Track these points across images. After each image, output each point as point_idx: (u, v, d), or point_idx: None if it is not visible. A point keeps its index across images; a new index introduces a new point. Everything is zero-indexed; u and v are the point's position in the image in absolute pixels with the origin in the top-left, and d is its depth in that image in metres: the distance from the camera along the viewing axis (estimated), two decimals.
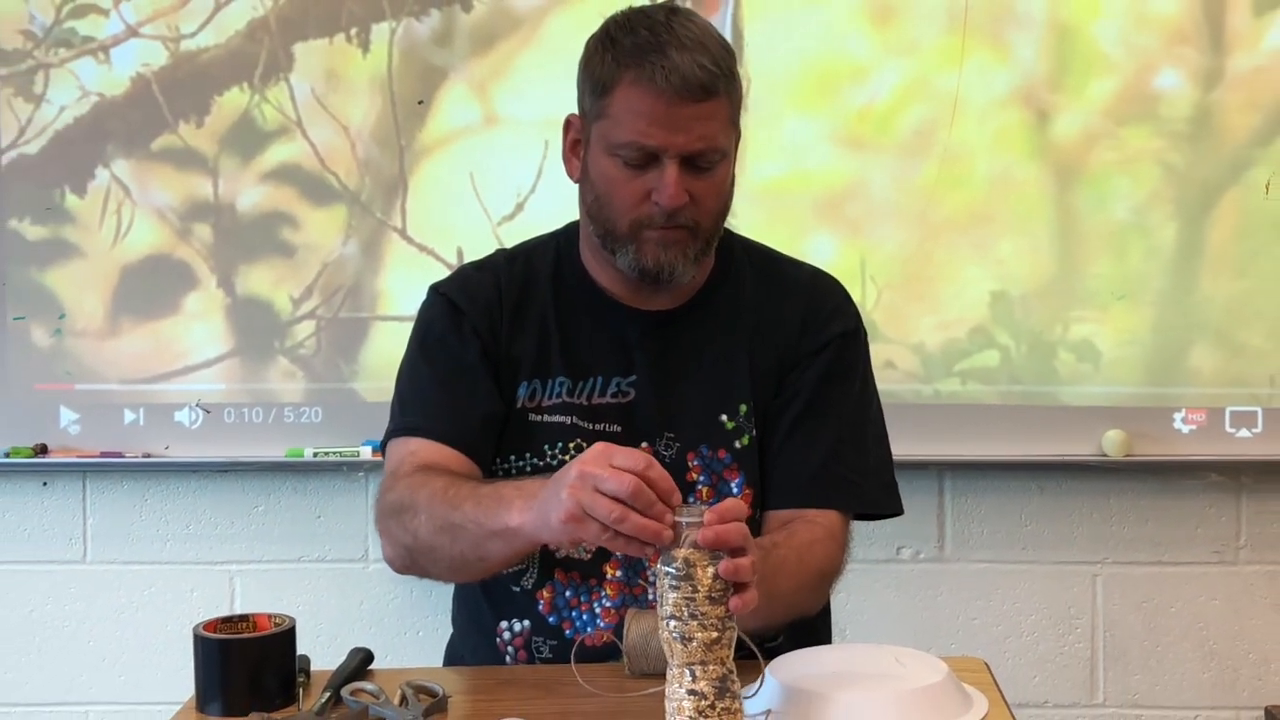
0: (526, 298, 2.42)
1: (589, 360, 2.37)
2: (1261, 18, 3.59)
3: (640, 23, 2.25)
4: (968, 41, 3.60)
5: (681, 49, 2.20)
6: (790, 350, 2.41)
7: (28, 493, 3.80)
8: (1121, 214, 3.62)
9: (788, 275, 2.50)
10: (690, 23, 2.26)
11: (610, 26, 2.30)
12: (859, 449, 2.42)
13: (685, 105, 2.20)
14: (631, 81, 2.22)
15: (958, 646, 3.69)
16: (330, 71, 3.66)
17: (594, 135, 2.30)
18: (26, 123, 3.67)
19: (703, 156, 2.25)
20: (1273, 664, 3.77)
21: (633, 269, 2.31)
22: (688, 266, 2.31)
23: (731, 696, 1.84)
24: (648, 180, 2.24)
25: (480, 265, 2.50)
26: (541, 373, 2.37)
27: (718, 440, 2.36)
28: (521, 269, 2.45)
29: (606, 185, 2.29)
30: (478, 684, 2.26)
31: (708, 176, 2.27)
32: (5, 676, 3.84)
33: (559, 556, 2.36)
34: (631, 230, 2.28)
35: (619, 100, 2.24)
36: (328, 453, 3.66)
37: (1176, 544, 3.75)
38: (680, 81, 2.19)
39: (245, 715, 2.01)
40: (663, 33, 2.22)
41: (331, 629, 3.64)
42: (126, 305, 3.70)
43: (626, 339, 2.37)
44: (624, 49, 2.23)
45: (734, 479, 2.37)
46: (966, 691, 2.05)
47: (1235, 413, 3.64)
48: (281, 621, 2.15)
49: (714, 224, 2.34)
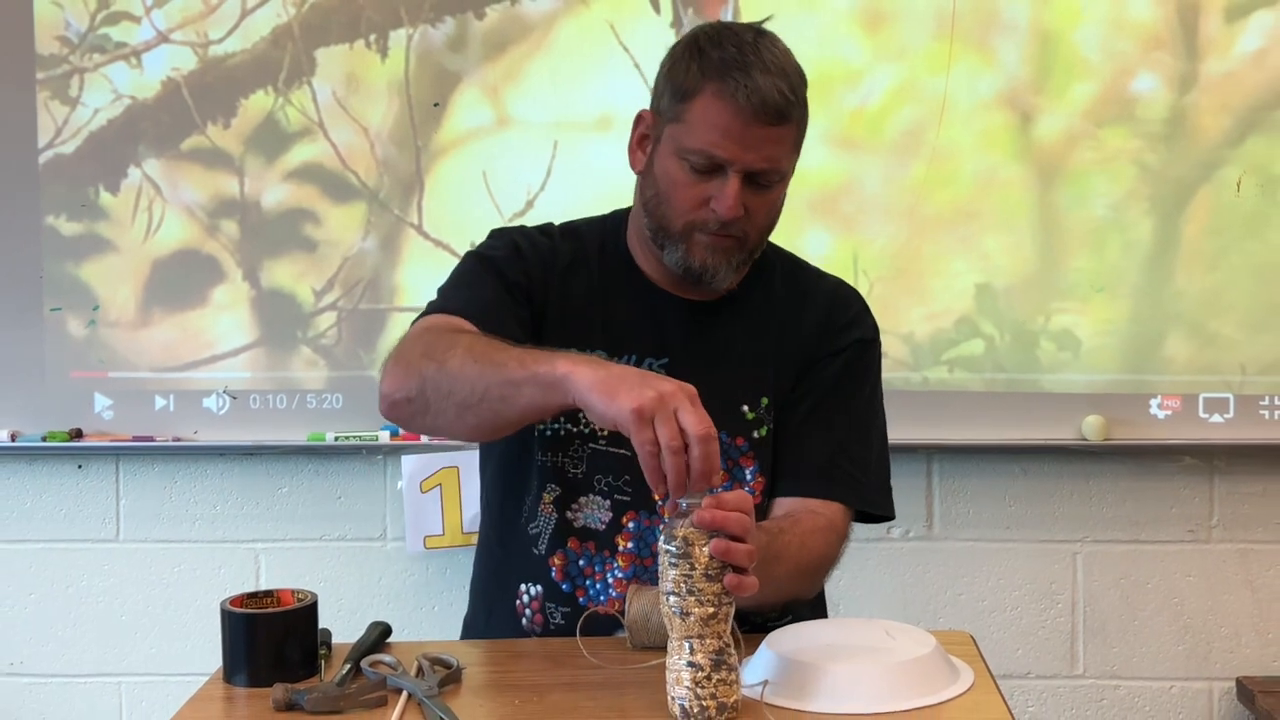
0: (574, 270, 2.40)
1: (626, 337, 2.35)
2: (1233, 24, 3.59)
3: (729, 39, 2.24)
4: (955, 47, 3.60)
5: (765, 72, 2.20)
6: (810, 350, 2.41)
7: (64, 475, 3.80)
8: (1100, 211, 3.62)
9: (814, 283, 2.51)
10: (775, 47, 2.25)
11: (699, 37, 2.28)
12: (864, 449, 2.42)
13: (759, 126, 2.20)
14: (713, 94, 2.21)
15: (945, 620, 3.69)
16: (350, 75, 3.66)
17: (666, 135, 2.28)
18: (63, 124, 3.67)
19: (764, 175, 2.25)
20: (1244, 637, 3.77)
21: (678, 266, 2.32)
22: (729, 273, 2.32)
23: (728, 669, 1.86)
24: (709, 188, 2.24)
25: (539, 228, 2.48)
26: (581, 343, 2.32)
27: (737, 429, 2.36)
28: (572, 243, 2.44)
29: (669, 184, 2.28)
30: (490, 656, 2.26)
31: (765, 194, 2.28)
32: (43, 649, 3.84)
33: (576, 527, 2.35)
34: (685, 230, 2.28)
35: (698, 109, 2.23)
36: (348, 437, 3.67)
37: (1152, 523, 3.75)
38: (759, 102, 2.19)
39: (270, 686, 2.01)
40: (750, 53, 2.21)
41: (351, 604, 3.64)
42: (157, 297, 3.70)
43: (663, 323, 2.37)
44: (711, 62, 2.23)
45: (749, 466, 2.37)
46: (953, 663, 2.05)
47: (1208, 399, 3.64)
48: (304, 597, 2.15)
49: (761, 238, 2.35)
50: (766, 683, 1.92)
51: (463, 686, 2.07)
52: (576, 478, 2.35)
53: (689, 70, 2.24)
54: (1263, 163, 3.61)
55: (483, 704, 2.02)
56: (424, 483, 3.64)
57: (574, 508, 2.35)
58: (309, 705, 1.96)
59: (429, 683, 2.01)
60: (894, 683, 1.94)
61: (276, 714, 1.97)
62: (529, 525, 2.39)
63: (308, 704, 1.96)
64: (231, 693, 2.08)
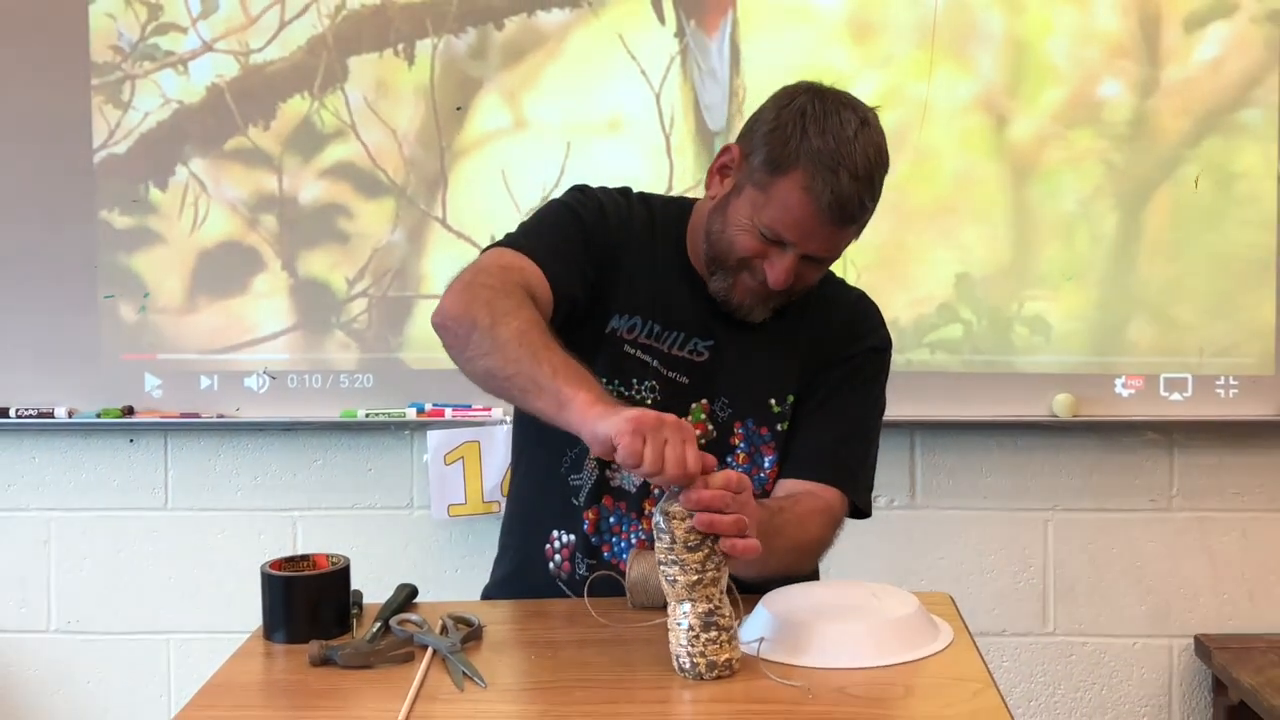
0: (646, 241, 2.35)
1: (679, 317, 2.31)
2: (1191, 35, 3.58)
3: (833, 127, 2.15)
4: (936, 55, 3.59)
5: (854, 178, 2.13)
6: (830, 352, 2.38)
7: (116, 449, 3.80)
8: (1070, 206, 3.61)
9: (841, 292, 2.48)
10: (871, 146, 2.17)
11: (808, 110, 2.18)
12: (862, 446, 2.41)
13: (831, 225, 2.16)
14: (802, 186, 2.14)
15: (927, 583, 3.68)
16: (380, 81, 3.65)
17: (747, 191, 2.21)
18: (115, 126, 3.67)
19: (823, 258, 2.24)
20: (1201, 598, 3.76)
21: (720, 295, 2.29)
22: (764, 314, 2.31)
23: (718, 630, 1.86)
24: (770, 250, 2.20)
25: (620, 190, 2.41)
26: (645, 312, 2.31)
27: (762, 419, 2.34)
28: (646, 211, 2.38)
29: (736, 231, 2.22)
30: (509, 615, 2.25)
31: (817, 267, 2.26)
32: (97, 610, 3.84)
33: (612, 485, 2.33)
34: (736, 268, 2.25)
35: (783, 190, 2.16)
36: (378, 413, 3.66)
37: (1117, 493, 3.74)
38: (839, 209, 2.14)
39: (306, 642, 2.01)
40: (846, 151, 2.13)
41: (381, 567, 3.62)
42: (202, 285, 3.70)
43: (713, 310, 2.32)
44: (810, 148, 2.14)
45: (769, 455, 2.35)
46: (935, 621, 2.05)
47: (1169, 379, 3.63)
48: (337, 561, 2.15)
49: (802, 293, 2.32)
50: (762, 640, 1.92)
51: (483, 643, 2.07)
52: None
53: (788, 144, 2.15)
54: (1219, 161, 3.60)
55: (502, 659, 2.01)
56: (448, 456, 3.63)
57: (614, 466, 2.31)
58: (342, 660, 1.96)
59: (452, 640, 2.01)
60: (880, 640, 1.94)
61: (312, 668, 1.97)
62: (570, 476, 2.35)
63: (341, 659, 1.96)
64: (271, 649, 2.09)
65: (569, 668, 1.97)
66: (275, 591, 2.11)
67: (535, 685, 1.93)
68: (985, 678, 1.88)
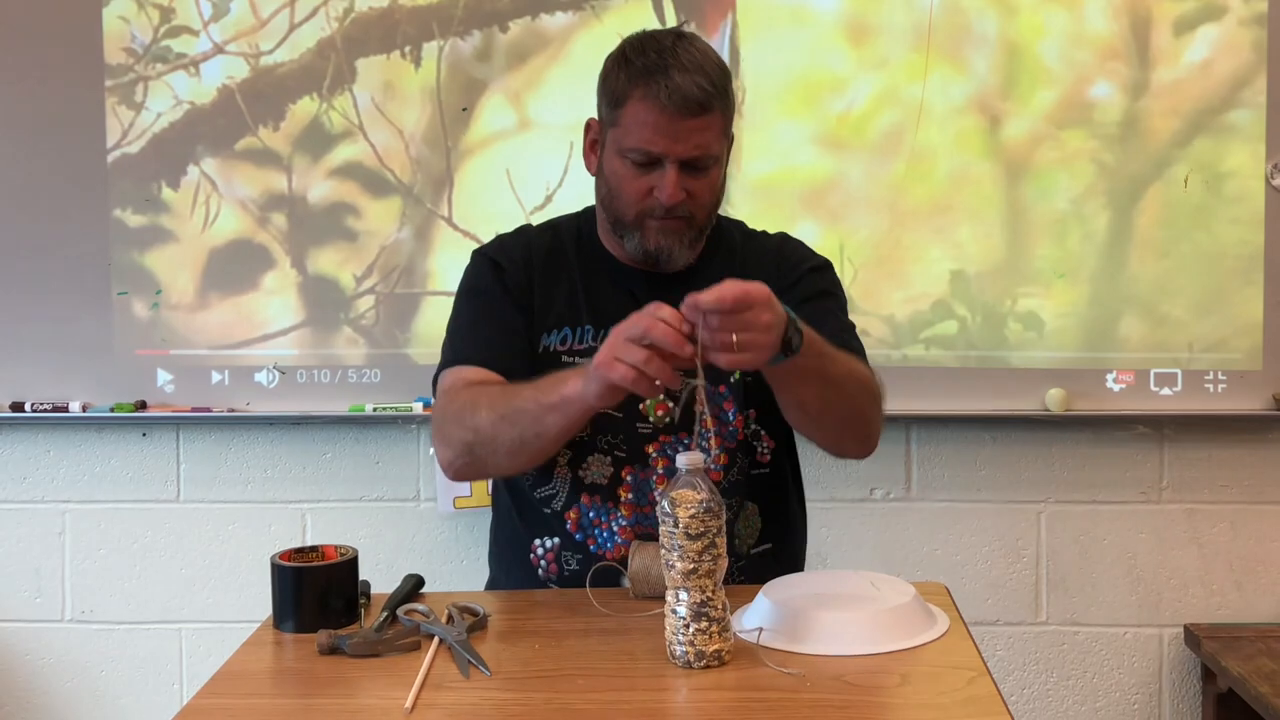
0: (555, 260, 2.44)
1: (610, 311, 2.30)
2: (1180, 38, 3.58)
3: (650, 46, 2.28)
4: (931, 57, 3.59)
5: (683, 71, 2.23)
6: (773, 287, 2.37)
7: (130, 442, 3.80)
8: (1062, 205, 3.61)
9: (765, 239, 2.55)
10: (693, 47, 2.28)
11: (625, 48, 2.33)
12: (856, 340, 2.41)
13: (684, 119, 2.24)
14: (640, 98, 2.25)
15: (922, 573, 3.68)
16: (387, 83, 3.65)
17: (608, 139, 2.34)
18: (129, 127, 3.66)
19: (698, 161, 2.28)
20: (1191, 589, 3.76)
21: (637, 251, 2.36)
22: (684, 250, 2.35)
23: (709, 621, 1.87)
24: (652, 179, 2.28)
25: (515, 232, 2.53)
26: (571, 321, 2.39)
27: (715, 377, 2.32)
28: (550, 238, 2.48)
29: (617, 181, 2.32)
30: (512, 605, 2.26)
31: (702, 176, 2.30)
32: (111, 600, 3.84)
33: (586, 483, 2.36)
34: (637, 219, 2.32)
35: (629, 113, 2.27)
36: (385, 408, 3.66)
37: (1108, 486, 3.74)
38: (680, 100, 2.22)
39: (315, 631, 2.01)
40: (668, 56, 2.25)
41: (388, 558, 3.64)
42: (214, 283, 3.69)
43: (639, 295, 2.33)
44: (635, 69, 2.27)
45: (730, 409, 2.38)
46: (931, 610, 2.05)
47: (1159, 374, 3.63)
48: (346, 552, 2.15)
49: (707, 215, 2.37)
50: (762, 629, 1.92)
51: (488, 633, 2.08)
52: (583, 439, 2.34)
53: (619, 79, 2.30)
54: (1208, 161, 3.59)
55: (506, 648, 2.02)
56: None
57: (584, 466, 2.36)
58: (350, 649, 1.96)
59: (458, 629, 2.01)
60: (877, 628, 1.95)
61: (321, 657, 1.97)
62: (535, 490, 2.40)
63: (349, 648, 1.96)
64: (280, 638, 2.09)
65: (572, 657, 1.97)
66: (285, 582, 2.11)
67: (539, 674, 1.92)
68: (979, 666, 1.88)
